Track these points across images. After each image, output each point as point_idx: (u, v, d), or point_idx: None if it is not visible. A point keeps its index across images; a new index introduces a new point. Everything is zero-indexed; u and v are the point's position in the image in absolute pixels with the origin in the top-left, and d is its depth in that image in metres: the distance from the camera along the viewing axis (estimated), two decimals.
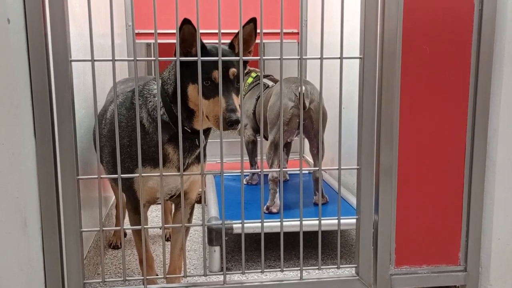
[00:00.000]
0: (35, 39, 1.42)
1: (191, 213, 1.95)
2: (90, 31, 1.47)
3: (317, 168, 1.78)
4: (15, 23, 1.37)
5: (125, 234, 2.59)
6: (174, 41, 1.53)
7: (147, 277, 1.68)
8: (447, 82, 1.70)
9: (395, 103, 1.67)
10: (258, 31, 1.63)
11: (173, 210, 2.09)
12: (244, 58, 1.60)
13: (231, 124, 1.58)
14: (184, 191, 1.78)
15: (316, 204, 2.60)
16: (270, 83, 2.87)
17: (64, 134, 1.49)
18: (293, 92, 2.43)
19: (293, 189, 2.93)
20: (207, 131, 1.79)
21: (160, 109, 1.69)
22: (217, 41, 1.55)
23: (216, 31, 1.50)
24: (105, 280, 1.66)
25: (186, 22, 1.55)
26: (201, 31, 1.54)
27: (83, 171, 2.01)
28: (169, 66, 1.76)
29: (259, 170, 1.67)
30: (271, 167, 2.50)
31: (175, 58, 1.55)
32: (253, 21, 1.63)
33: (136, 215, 1.84)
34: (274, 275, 1.98)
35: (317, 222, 1.71)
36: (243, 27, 1.61)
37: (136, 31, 3.37)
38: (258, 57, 1.60)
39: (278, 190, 2.46)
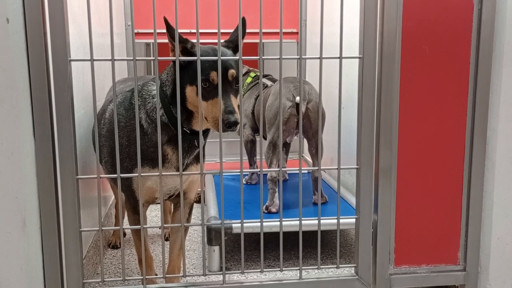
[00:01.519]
0: (35, 39, 1.42)
1: (189, 213, 1.95)
2: (89, 30, 1.47)
3: (317, 168, 1.78)
4: (15, 22, 1.37)
5: (124, 234, 2.59)
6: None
7: (147, 277, 1.68)
8: (446, 81, 1.70)
9: (395, 102, 1.67)
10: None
11: (172, 210, 2.09)
12: (243, 57, 1.60)
13: (229, 125, 1.58)
14: (183, 191, 1.78)
15: (315, 204, 2.60)
16: (269, 82, 2.87)
17: (64, 133, 1.49)
18: (291, 92, 2.43)
19: (292, 189, 2.93)
20: (205, 132, 1.80)
21: (159, 110, 1.70)
22: (214, 40, 1.55)
23: (215, 30, 1.50)
24: (104, 279, 1.66)
25: (165, 21, 1.55)
26: (200, 30, 1.54)
27: (82, 171, 2.01)
28: (167, 68, 1.77)
29: (259, 169, 1.66)
30: (270, 166, 2.50)
31: (175, 58, 1.55)
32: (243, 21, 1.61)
33: (135, 215, 1.85)
34: (273, 274, 1.97)
35: (316, 221, 1.71)
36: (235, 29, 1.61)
37: (136, 31, 3.37)
38: (258, 57, 1.60)
39: (277, 189, 2.46)
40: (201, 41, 1.57)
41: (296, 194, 2.74)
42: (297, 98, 2.37)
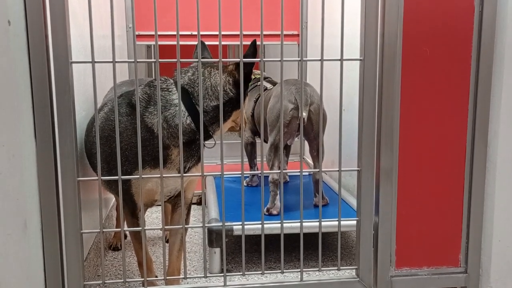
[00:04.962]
0: (36, 41, 1.42)
1: (188, 214, 1.96)
2: (90, 32, 1.47)
3: (318, 170, 1.78)
4: (16, 25, 1.37)
5: (125, 236, 2.59)
6: (175, 43, 1.53)
7: (147, 279, 1.68)
8: (447, 83, 1.70)
9: (396, 104, 1.67)
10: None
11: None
12: (244, 60, 1.60)
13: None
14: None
15: (316, 206, 2.60)
16: (268, 85, 2.88)
17: (65, 135, 1.49)
18: (293, 94, 2.43)
19: (293, 191, 2.93)
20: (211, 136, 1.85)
21: (186, 118, 1.75)
22: (215, 43, 1.55)
23: (217, 32, 1.50)
24: (105, 281, 1.66)
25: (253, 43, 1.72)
26: (201, 33, 1.54)
27: (83, 173, 2.01)
28: (208, 82, 1.80)
29: (259, 171, 1.67)
30: (271, 169, 2.50)
31: (175, 60, 1.55)
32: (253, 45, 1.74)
33: (133, 218, 1.85)
34: (274, 276, 1.98)
35: (317, 223, 1.70)
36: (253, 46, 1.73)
37: (137, 33, 3.38)
38: (258, 59, 1.60)
39: (278, 192, 2.46)
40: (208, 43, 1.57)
41: (297, 196, 2.73)
42: (303, 114, 2.38)
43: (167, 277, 1.83)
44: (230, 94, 1.80)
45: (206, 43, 1.97)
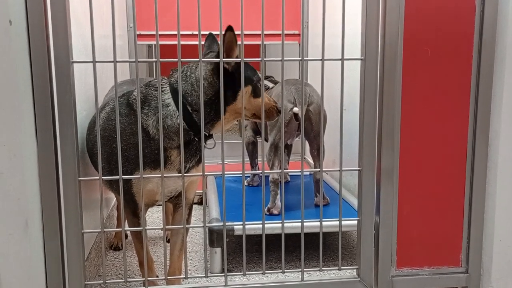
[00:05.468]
0: (37, 41, 1.43)
1: (189, 214, 1.95)
2: (91, 32, 1.47)
3: (318, 170, 1.78)
4: (17, 24, 1.37)
5: (126, 236, 2.59)
6: (175, 42, 1.53)
7: (148, 279, 1.68)
8: (448, 83, 1.70)
9: (396, 104, 1.67)
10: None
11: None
12: (245, 59, 1.60)
13: (279, 111, 1.82)
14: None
15: (317, 206, 2.60)
16: (270, 84, 2.88)
17: (66, 135, 1.49)
18: (292, 94, 2.43)
19: (294, 191, 2.93)
20: (211, 136, 1.82)
21: (177, 118, 1.70)
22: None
23: (218, 32, 1.50)
24: (106, 281, 1.66)
25: (229, 29, 1.61)
26: (202, 32, 1.54)
27: (84, 173, 2.01)
28: (189, 78, 1.74)
29: (260, 171, 1.67)
30: (271, 168, 2.50)
31: (176, 60, 1.55)
32: (230, 29, 1.64)
33: (135, 218, 1.85)
34: (275, 276, 1.97)
35: (318, 223, 1.70)
36: (224, 35, 1.62)
37: (138, 33, 3.38)
38: (259, 59, 1.60)
39: (279, 191, 2.46)
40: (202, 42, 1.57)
41: (298, 196, 2.73)
42: (295, 109, 2.38)
43: (168, 277, 1.83)
44: (216, 86, 1.69)
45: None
